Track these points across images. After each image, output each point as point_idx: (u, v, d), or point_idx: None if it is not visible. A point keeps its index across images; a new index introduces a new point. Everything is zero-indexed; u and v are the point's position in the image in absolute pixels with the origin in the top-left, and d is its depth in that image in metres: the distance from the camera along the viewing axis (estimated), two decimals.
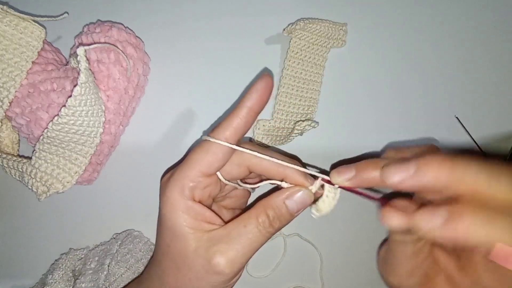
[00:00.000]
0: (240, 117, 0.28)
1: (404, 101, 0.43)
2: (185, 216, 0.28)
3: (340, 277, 0.41)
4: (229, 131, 0.28)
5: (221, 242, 0.27)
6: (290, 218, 0.29)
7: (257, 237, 0.28)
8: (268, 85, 0.28)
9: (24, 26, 0.35)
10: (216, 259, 0.27)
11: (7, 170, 0.38)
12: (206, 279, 0.28)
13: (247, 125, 0.29)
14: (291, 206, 0.28)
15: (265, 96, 0.28)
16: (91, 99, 0.33)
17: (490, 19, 0.44)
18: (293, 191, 0.28)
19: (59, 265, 0.38)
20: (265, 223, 0.28)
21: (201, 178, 0.28)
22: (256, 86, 0.28)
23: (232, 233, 0.27)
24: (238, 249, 0.27)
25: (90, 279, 0.36)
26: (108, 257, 0.37)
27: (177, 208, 0.28)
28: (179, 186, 0.28)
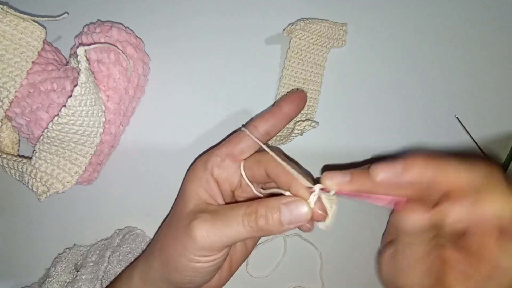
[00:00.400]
0: (275, 117, 0.32)
1: (404, 101, 0.43)
2: (198, 184, 0.31)
3: (340, 277, 0.41)
4: (262, 126, 0.32)
5: (207, 213, 0.29)
6: (277, 225, 0.28)
7: (237, 226, 0.28)
8: (305, 98, 0.34)
9: (24, 26, 0.35)
10: (196, 224, 0.28)
11: (7, 170, 0.38)
12: (182, 240, 0.29)
13: (279, 127, 0.33)
14: (284, 213, 0.27)
15: (300, 106, 0.33)
16: (91, 99, 0.33)
17: (490, 19, 0.44)
18: (293, 200, 0.28)
19: (62, 258, 0.38)
20: (250, 216, 0.28)
21: (225, 157, 0.32)
22: (296, 95, 0.33)
23: (220, 211, 0.29)
24: (217, 226, 0.28)
25: (90, 271, 0.36)
26: (109, 250, 0.37)
27: (196, 177, 0.31)
28: (204, 159, 0.32)
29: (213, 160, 0.31)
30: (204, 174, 0.31)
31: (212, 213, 0.29)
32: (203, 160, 0.32)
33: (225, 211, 0.29)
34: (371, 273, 0.40)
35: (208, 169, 0.31)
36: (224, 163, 0.32)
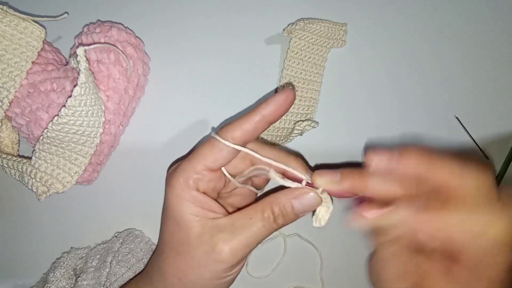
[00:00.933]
0: (251, 122, 0.28)
1: (404, 101, 0.43)
2: (190, 204, 0.28)
3: (340, 277, 0.41)
4: (238, 133, 0.28)
5: (225, 230, 0.28)
6: (294, 218, 0.29)
7: (260, 231, 0.28)
8: (288, 99, 0.28)
9: (24, 26, 0.35)
10: (220, 246, 0.27)
11: (7, 170, 0.38)
12: (208, 266, 0.28)
13: (257, 132, 0.29)
14: (297, 207, 0.28)
15: (282, 109, 0.29)
16: (91, 99, 0.33)
17: (490, 19, 0.44)
18: (301, 192, 0.28)
19: (60, 263, 0.38)
20: (270, 218, 0.28)
21: (205, 172, 0.29)
22: (276, 97, 0.28)
23: (237, 223, 0.28)
24: (242, 240, 0.28)
25: (92, 277, 0.36)
26: (110, 255, 0.37)
27: (182, 197, 0.28)
28: (184, 177, 0.29)
29: (194, 177, 0.29)
30: (190, 193, 0.28)
31: (229, 228, 0.28)
32: (183, 179, 0.29)
33: (242, 222, 0.28)
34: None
35: (191, 187, 0.29)
36: (206, 178, 0.29)
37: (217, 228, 0.28)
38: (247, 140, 0.29)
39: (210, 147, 0.29)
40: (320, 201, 0.28)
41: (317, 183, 0.28)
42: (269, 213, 0.28)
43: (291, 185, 0.29)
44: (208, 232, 0.28)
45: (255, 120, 0.28)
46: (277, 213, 0.28)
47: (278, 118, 0.29)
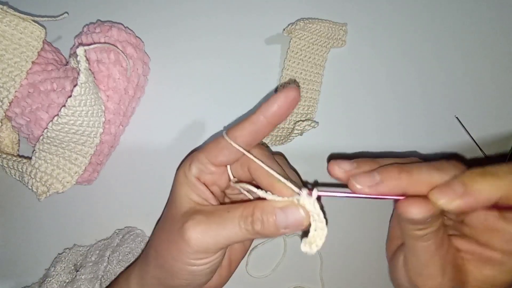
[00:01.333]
0: (254, 124, 0.28)
1: (404, 101, 0.43)
2: (188, 188, 0.30)
3: (340, 277, 0.41)
4: (241, 138, 0.28)
5: (200, 215, 0.28)
6: (273, 230, 0.26)
7: (233, 228, 0.27)
8: (293, 97, 0.27)
9: (24, 26, 0.35)
10: (187, 223, 0.27)
11: (7, 170, 0.38)
12: (177, 244, 0.28)
13: (260, 134, 0.28)
14: (280, 219, 0.26)
15: (286, 110, 0.27)
16: (91, 99, 0.33)
17: (490, 19, 0.44)
18: (289, 204, 0.26)
19: (61, 258, 0.38)
20: (247, 219, 0.27)
21: (208, 165, 0.30)
22: (278, 97, 0.27)
23: (214, 211, 0.28)
24: (211, 228, 0.27)
25: (90, 271, 0.36)
26: (109, 250, 0.37)
27: (184, 181, 0.30)
28: (187, 164, 0.30)
29: (197, 167, 0.30)
30: (191, 179, 0.30)
31: (207, 214, 0.28)
32: (188, 164, 0.30)
33: (220, 213, 0.28)
34: (371, 273, 0.40)
35: (193, 174, 0.30)
36: (208, 170, 0.30)
37: (197, 211, 0.28)
38: (250, 143, 0.28)
39: (216, 143, 0.29)
40: (307, 222, 0.25)
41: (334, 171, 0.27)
42: (248, 213, 0.27)
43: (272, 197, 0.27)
44: (189, 213, 0.28)
45: (258, 122, 0.27)
46: (256, 216, 0.26)
47: (283, 118, 0.28)
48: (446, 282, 0.26)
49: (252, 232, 0.27)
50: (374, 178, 0.25)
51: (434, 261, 0.26)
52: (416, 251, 0.27)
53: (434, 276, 0.26)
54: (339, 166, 0.27)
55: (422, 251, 0.26)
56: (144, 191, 0.41)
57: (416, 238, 0.26)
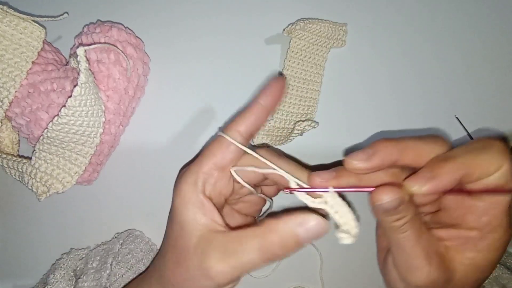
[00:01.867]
0: (253, 113, 0.29)
1: (404, 101, 0.43)
2: (195, 209, 0.28)
3: (340, 277, 0.41)
4: (243, 127, 0.29)
5: (217, 249, 0.27)
6: (296, 247, 0.26)
7: (254, 260, 0.26)
8: (281, 85, 0.30)
9: (24, 26, 0.35)
10: (209, 263, 0.26)
11: (7, 170, 0.38)
12: (198, 280, 0.27)
13: (260, 121, 0.30)
14: (302, 235, 0.25)
15: (278, 95, 0.30)
16: (91, 99, 0.33)
17: (490, 19, 0.44)
18: (307, 218, 0.25)
19: (60, 264, 0.38)
20: (266, 249, 0.26)
21: (214, 171, 0.29)
22: (270, 85, 0.30)
23: (229, 246, 0.27)
24: (231, 264, 0.26)
25: (93, 278, 0.36)
26: (110, 256, 0.37)
27: (189, 201, 0.28)
28: (192, 179, 0.29)
29: (202, 178, 0.28)
30: (198, 198, 0.28)
31: (221, 248, 0.27)
32: (191, 181, 0.28)
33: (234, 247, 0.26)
34: (371, 273, 0.40)
35: (199, 190, 0.28)
36: (214, 178, 0.29)
37: (212, 244, 0.27)
38: (253, 132, 0.30)
39: (218, 144, 0.29)
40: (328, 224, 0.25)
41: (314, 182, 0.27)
42: (268, 244, 0.26)
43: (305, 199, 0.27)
44: (203, 245, 0.27)
45: (256, 111, 0.29)
46: (277, 244, 0.26)
47: (276, 105, 0.30)
48: (434, 271, 0.26)
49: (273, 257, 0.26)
50: (367, 152, 0.27)
51: (417, 251, 0.27)
52: (399, 244, 0.27)
53: (421, 267, 0.27)
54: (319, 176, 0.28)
55: (403, 243, 0.27)
56: (144, 191, 0.41)
57: (395, 231, 0.27)
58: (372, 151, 0.26)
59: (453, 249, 0.27)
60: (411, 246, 0.27)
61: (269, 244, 0.26)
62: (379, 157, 0.26)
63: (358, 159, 0.26)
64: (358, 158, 0.26)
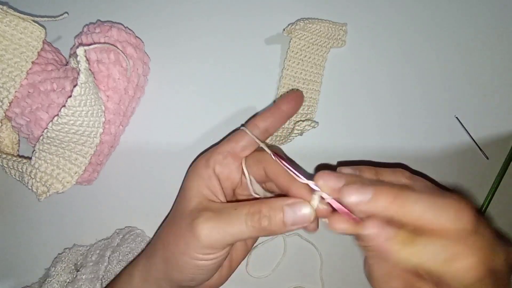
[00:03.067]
0: (273, 115, 0.33)
1: (404, 101, 0.43)
2: (201, 181, 0.31)
3: (340, 277, 0.41)
4: (262, 124, 0.32)
5: (210, 211, 0.29)
6: (280, 226, 0.28)
7: (240, 225, 0.28)
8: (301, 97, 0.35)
9: (24, 26, 0.35)
10: (197, 220, 0.28)
11: (7, 170, 0.38)
12: (185, 238, 0.29)
13: (277, 124, 0.33)
14: (288, 214, 0.28)
15: (297, 105, 0.34)
16: (91, 99, 0.33)
17: (490, 19, 0.44)
18: (296, 201, 0.28)
19: (61, 258, 0.38)
20: (254, 216, 0.28)
21: (227, 155, 0.32)
22: (293, 94, 0.34)
23: (222, 209, 0.29)
24: (220, 225, 0.28)
25: (91, 271, 0.36)
26: (109, 250, 0.37)
27: (198, 173, 0.31)
28: (206, 156, 0.32)
29: (215, 157, 0.32)
30: (206, 171, 0.31)
31: (215, 211, 0.29)
32: (205, 158, 0.32)
33: (228, 210, 0.29)
34: None
35: (210, 166, 0.31)
36: (226, 160, 0.32)
37: (206, 208, 0.29)
38: (270, 130, 0.33)
39: (236, 134, 0.33)
40: (313, 214, 0.28)
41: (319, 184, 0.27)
42: (255, 210, 0.28)
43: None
44: (199, 209, 0.29)
45: (276, 114, 0.33)
46: (264, 213, 0.28)
47: (293, 114, 0.34)
48: None
49: (259, 229, 0.28)
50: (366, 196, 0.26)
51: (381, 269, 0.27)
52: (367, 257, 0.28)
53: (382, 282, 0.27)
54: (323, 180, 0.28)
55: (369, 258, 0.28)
56: (144, 191, 0.41)
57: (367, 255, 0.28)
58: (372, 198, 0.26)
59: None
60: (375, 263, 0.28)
61: (256, 211, 0.28)
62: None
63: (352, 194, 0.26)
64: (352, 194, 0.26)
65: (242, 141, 0.32)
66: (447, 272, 0.24)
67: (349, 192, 0.25)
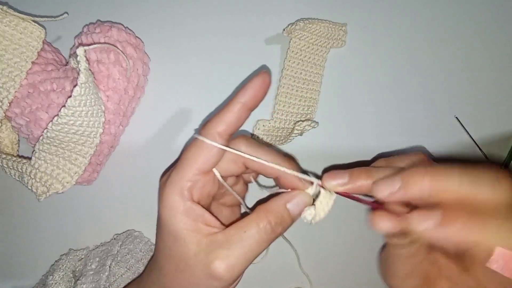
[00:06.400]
0: (232, 112, 0.28)
1: (404, 101, 0.43)
2: (185, 219, 0.27)
3: (339, 277, 0.41)
4: (221, 127, 0.28)
5: (221, 247, 0.27)
6: (291, 222, 0.29)
7: (257, 243, 0.27)
8: (265, 82, 0.28)
9: (24, 26, 0.35)
10: (216, 264, 0.26)
11: (6, 171, 0.38)
12: (206, 284, 0.27)
13: (240, 121, 0.28)
14: (293, 210, 0.28)
15: (260, 93, 0.28)
16: (91, 99, 0.33)
17: (490, 19, 0.44)
18: (292, 194, 0.28)
19: (59, 266, 0.38)
20: (267, 228, 0.27)
21: (198, 177, 0.28)
22: (252, 82, 0.28)
23: (232, 238, 0.27)
24: (238, 255, 0.27)
25: (91, 280, 0.35)
26: (109, 258, 0.37)
27: (177, 210, 0.27)
28: (177, 188, 0.28)
29: (188, 186, 0.28)
30: (185, 205, 0.28)
31: (224, 245, 0.27)
32: (177, 190, 0.28)
33: (238, 236, 0.27)
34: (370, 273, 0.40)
35: (186, 198, 0.28)
36: (200, 183, 0.28)
37: (213, 246, 0.27)
38: (232, 132, 0.28)
39: (198, 149, 0.28)
40: (311, 198, 0.28)
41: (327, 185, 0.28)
42: (265, 223, 0.27)
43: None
44: (204, 250, 0.27)
45: (236, 109, 0.28)
46: (274, 222, 0.27)
47: (258, 103, 0.28)
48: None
49: (275, 236, 0.28)
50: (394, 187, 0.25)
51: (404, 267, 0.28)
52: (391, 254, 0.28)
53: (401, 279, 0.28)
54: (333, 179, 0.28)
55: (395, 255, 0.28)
56: (144, 192, 0.41)
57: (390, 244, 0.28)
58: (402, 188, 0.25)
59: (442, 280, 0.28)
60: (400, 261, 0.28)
61: (267, 223, 0.27)
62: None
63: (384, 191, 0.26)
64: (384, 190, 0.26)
65: (209, 157, 0.28)
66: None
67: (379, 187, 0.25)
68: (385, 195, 0.25)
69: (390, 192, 0.25)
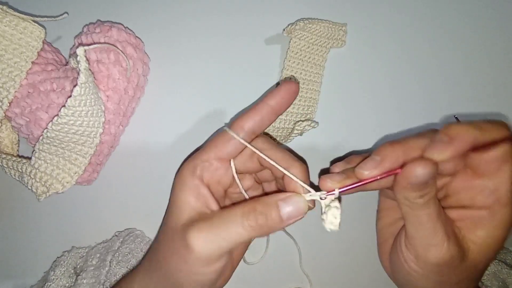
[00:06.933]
0: (260, 112, 0.30)
1: (404, 101, 0.43)
2: (190, 193, 0.29)
3: (340, 277, 0.41)
4: (247, 124, 0.30)
5: (202, 221, 0.28)
6: (278, 221, 0.27)
7: (236, 228, 0.27)
8: (293, 89, 0.30)
9: (23, 26, 0.35)
10: (189, 232, 0.27)
11: (6, 171, 0.38)
12: (180, 254, 0.27)
13: (265, 122, 0.30)
14: (283, 209, 0.27)
15: (288, 100, 0.30)
16: (90, 99, 0.33)
17: (490, 19, 0.44)
18: (289, 195, 0.28)
19: (61, 262, 0.38)
20: (249, 215, 0.27)
21: (213, 161, 0.30)
22: (282, 88, 0.30)
23: (215, 215, 0.28)
24: (214, 232, 0.27)
25: (92, 275, 0.36)
26: (110, 254, 0.37)
27: (185, 184, 0.29)
28: (192, 165, 0.30)
29: (201, 165, 0.30)
30: (193, 181, 0.29)
31: (207, 220, 0.27)
32: (191, 166, 0.30)
33: (220, 215, 0.28)
34: (370, 273, 0.40)
35: (197, 175, 0.29)
36: (213, 166, 0.30)
37: (198, 219, 0.28)
38: (257, 131, 0.30)
39: (221, 137, 0.30)
40: (307, 206, 0.28)
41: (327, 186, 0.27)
42: (250, 208, 0.27)
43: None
44: (191, 222, 0.28)
45: (264, 111, 0.30)
46: (259, 211, 0.27)
47: (285, 109, 0.30)
48: (453, 247, 0.27)
49: (257, 228, 0.27)
50: (375, 160, 0.26)
51: (437, 228, 0.27)
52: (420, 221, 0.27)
53: (441, 243, 0.27)
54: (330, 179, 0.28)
55: (425, 219, 0.27)
56: (144, 192, 0.41)
57: (418, 208, 0.26)
58: (380, 158, 0.26)
59: (464, 229, 0.28)
60: (432, 223, 0.27)
61: (251, 209, 0.27)
62: (387, 163, 0.26)
63: (368, 168, 0.26)
64: (368, 168, 0.26)
65: (228, 146, 0.30)
66: None
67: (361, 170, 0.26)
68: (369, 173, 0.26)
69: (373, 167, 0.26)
